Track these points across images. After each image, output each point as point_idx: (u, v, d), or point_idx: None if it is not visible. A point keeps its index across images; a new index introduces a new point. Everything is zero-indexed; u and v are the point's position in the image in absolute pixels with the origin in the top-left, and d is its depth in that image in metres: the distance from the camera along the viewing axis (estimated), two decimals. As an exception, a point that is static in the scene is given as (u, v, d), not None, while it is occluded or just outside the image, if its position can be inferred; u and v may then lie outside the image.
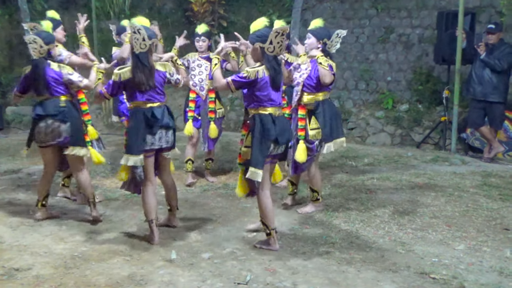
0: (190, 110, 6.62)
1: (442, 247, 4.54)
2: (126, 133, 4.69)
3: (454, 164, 7.56)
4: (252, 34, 4.41)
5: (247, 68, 4.35)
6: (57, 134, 5.04)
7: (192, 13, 11.43)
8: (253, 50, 4.43)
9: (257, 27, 4.43)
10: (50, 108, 5.05)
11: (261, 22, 4.45)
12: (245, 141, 4.40)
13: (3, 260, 4.24)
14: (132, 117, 4.66)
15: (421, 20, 10.31)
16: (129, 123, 4.69)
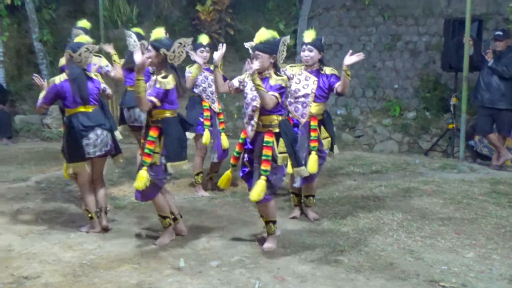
0: (206, 119, 6.48)
1: (452, 255, 4.52)
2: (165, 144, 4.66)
3: (462, 171, 7.53)
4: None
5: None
6: (105, 144, 5.10)
7: (199, 22, 11.48)
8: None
9: (261, 36, 4.47)
10: (98, 117, 5.06)
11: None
12: (277, 148, 4.44)
13: (12, 268, 4.25)
14: (170, 125, 4.67)
15: (428, 27, 10.32)
16: (168, 132, 4.65)
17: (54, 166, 8.15)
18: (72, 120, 4.95)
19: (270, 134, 4.42)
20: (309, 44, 5.23)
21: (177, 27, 12.54)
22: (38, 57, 12.06)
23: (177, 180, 7.13)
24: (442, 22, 9.55)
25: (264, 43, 4.40)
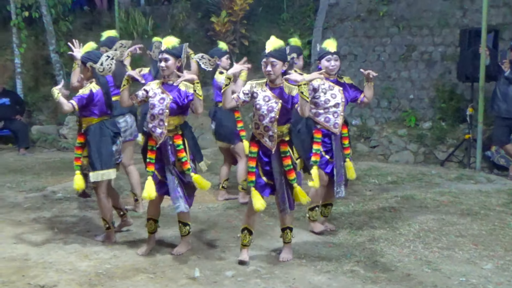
0: (242, 130, 6.58)
1: (470, 266, 4.46)
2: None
3: (479, 182, 7.46)
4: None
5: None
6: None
7: (214, 33, 11.55)
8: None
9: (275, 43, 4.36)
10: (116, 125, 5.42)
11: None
12: (293, 154, 4.48)
13: (29, 277, 4.28)
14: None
15: (443, 37, 10.27)
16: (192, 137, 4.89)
17: (70, 176, 8.12)
18: (102, 127, 5.05)
19: (285, 144, 4.40)
20: (335, 53, 5.25)
21: (192, 39, 12.61)
22: (55, 69, 12.18)
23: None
24: (457, 33, 9.51)
25: (279, 50, 4.32)
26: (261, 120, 4.36)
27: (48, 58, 12.44)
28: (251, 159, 4.47)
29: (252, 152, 4.46)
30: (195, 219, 5.83)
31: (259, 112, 4.36)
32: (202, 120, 11.23)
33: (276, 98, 4.31)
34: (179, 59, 4.68)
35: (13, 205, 6.51)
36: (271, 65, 4.28)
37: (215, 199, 6.73)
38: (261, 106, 4.34)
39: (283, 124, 4.39)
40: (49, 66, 12.63)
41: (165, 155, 4.67)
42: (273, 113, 4.31)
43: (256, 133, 4.43)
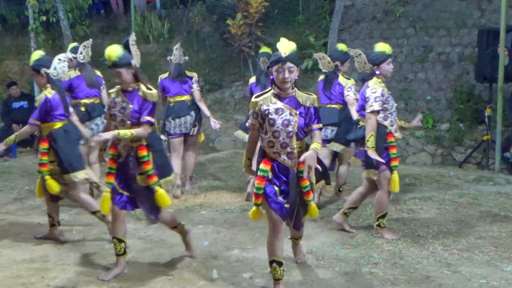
0: None
1: (490, 269, 4.41)
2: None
3: (498, 184, 7.38)
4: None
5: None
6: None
7: (229, 36, 11.57)
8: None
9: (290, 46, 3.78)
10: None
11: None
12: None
13: (48, 278, 4.30)
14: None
15: (460, 38, 10.19)
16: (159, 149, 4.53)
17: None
18: (66, 131, 5.12)
19: (302, 163, 3.71)
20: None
21: (208, 41, 12.66)
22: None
23: (208, 192, 7.14)
24: (475, 33, 9.42)
25: (295, 54, 3.79)
26: (277, 137, 3.80)
27: (65, 62, 12.53)
28: (260, 178, 3.85)
29: (263, 170, 3.85)
30: (212, 221, 5.85)
31: (273, 128, 3.79)
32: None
33: (291, 109, 3.79)
34: (129, 66, 4.25)
35: (32, 208, 6.57)
36: (288, 71, 3.72)
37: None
38: (275, 121, 3.78)
39: (301, 139, 3.86)
40: (66, 70, 12.73)
41: (126, 168, 4.30)
42: (290, 127, 3.77)
43: (271, 153, 3.85)
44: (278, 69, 3.73)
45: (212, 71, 12.14)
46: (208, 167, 9.00)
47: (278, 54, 3.73)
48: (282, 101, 3.82)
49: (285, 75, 3.73)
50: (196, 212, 6.23)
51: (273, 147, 3.83)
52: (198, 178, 8.01)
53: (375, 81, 5.08)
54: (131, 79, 4.30)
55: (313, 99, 3.83)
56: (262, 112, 3.82)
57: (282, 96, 3.83)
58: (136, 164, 4.28)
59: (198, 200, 6.75)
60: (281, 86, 3.79)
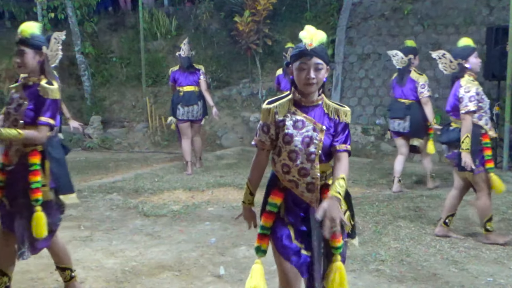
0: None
1: (497, 266, 4.40)
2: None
3: (506, 182, 7.29)
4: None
5: None
6: None
7: (237, 33, 11.57)
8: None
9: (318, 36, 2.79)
10: None
11: None
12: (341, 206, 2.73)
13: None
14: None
15: (469, 35, 10.05)
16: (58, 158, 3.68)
17: (95, 175, 8.32)
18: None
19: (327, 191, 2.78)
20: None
21: (216, 38, 12.67)
22: (80, 69, 12.35)
23: (215, 189, 7.16)
24: (484, 30, 9.38)
25: (324, 47, 2.81)
26: (294, 160, 2.78)
27: (73, 59, 12.61)
28: (268, 215, 2.89)
29: (272, 204, 2.88)
30: (219, 217, 5.87)
31: (289, 148, 2.78)
32: (226, 120, 11.28)
33: (315, 123, 2.78)
34: (39, 50, 3.52)
35: (40, 203, 6.59)
36: (314, 69, 2.72)
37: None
38: (293, 138, 2.77)
39: (327, 161, 2.85)
40: (74, 67, 12.81)
41: (14, 178, 3.50)
42: (312, 147, 2.76)
43: (285, 181, 2.84)
44: (300, 66, 2.73)
45: (220, 68, 12.16)
46: (215, 164, 9.03)
47: (301, 46, 2.76)
48: (303, 111, 2.81)
49: (310, 75, 2.71)
50: (203, 208, 6.25)
51: (289, 173, 2.81)
52: (205, 174, 8.03)
53: (467, 80, 4.88)
54: (33, 67, 3.51)
55: (345, 111, 2.84)
56: (276, 124, 2.81)
57: (304, 105, 2.82)
58: (24, 173, 3.42)
59: (206, 197, 6.77)
60: (303, 90, 2.77)
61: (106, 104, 12.43)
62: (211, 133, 11.24)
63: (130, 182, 7.55)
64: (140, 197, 6.76)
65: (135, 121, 12.04)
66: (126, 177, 7.91)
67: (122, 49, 13.32)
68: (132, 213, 6.11)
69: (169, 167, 8.68)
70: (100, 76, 12.90)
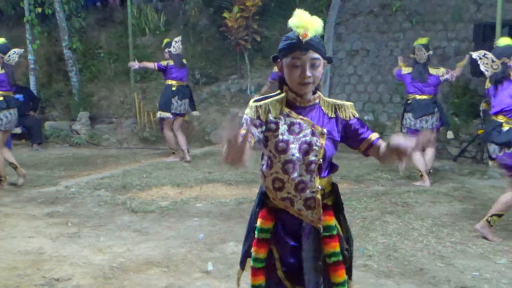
0: None
1: (483, 261, 4.44)
2: None
3: (493, 177, 7.41)
4: None
5: None
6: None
7: (226, 29, 11.54)
8: None
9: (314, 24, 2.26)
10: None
11: None
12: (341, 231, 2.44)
13: (43, 270, 4.31)
14: None
15: (457, 32, 10.20)
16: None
17: (83, 171, 8.28)
18: None
19: (330, 213, 2.38)
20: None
21: (205, 34, 12.64)
22: (68, 65, 12.28)
23: (203, 185, 7.15)
24: (471, 27, 9.42)
25: (320, 39, 2.32)
26: (290, 172, 2.30)
27: (61, 55, 12.54)
28: (259, 243, 2.42)
29: (263, 230, 2.41)
30: (208, 213, 5.87)
31: (284, 157, 2.30)
32: (215, 116, 11.26)
33: (314, 126, 2.33)
34: None
35: (27, 200, 6.57)
36: (310, 65, 2.25)
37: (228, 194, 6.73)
38: (289, 145, 2.30)
39: (327, 174, 2.39)
40: (62, 63, 12.74)
41: None
42: (312, 155, 2.30)
43: (277, 199, 2.36)
44: (293, 62, 2.24)
45: (209, 64, 12.14)
46: (204, 160, 9.02)
47: (292, 36, 2.26)
48: (298, 112, 2.34)
49: (306, 73, 2.24)
50: (192, 204, 6.25)
51: (282, 189, 2.33)
52: (194, 170, 8.03)
53: None
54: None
55: (351, 105, 2.43)
56: (269, 125, 2.31)
57: (300, 105, 2.35)
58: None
59: (194, 193, 6.76)
60: (297, 90, 2.31)
61: (94, 100, 12.36)
62: (200, 129, 11.21)
63: (118, 178, 7.53)
64: (128, 193, 6.74)
65: (123, 117, 12.00)
66: (114, 173, 7.88)
67: (110, 44, 13.26)
68: (120, 209, 6.09)
69: (158, 163, 8.66)
70: (88, 71, 12.83)
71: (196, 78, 11.98)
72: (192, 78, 11.93)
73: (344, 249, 2.38)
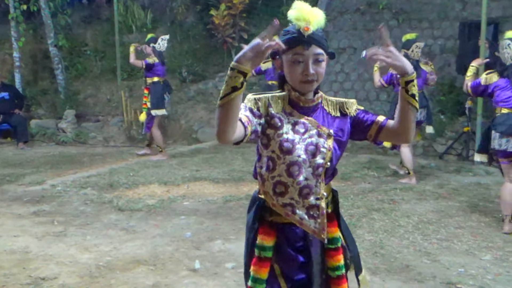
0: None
1: (468, 257, 4.48)
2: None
3: (478, 174, 7.48)
4: None
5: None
6: None
7: (213, 26, 11.54)
8: None
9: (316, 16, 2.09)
10: None
11: None
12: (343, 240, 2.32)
13: (29, 269, 4.29)
14: None
15: (442, 30, 10.27)
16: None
17: (69, 169, 8.23)
18: None
19: (335, 223, 2.27)
20: None
21: (192, 32, 12.61)
22: (54, 62, 12.19)
23: (190, 183, 7.14)
24: (457, 26, 9.50)
25: (323, 33, 2.14)
26: (295, 175, 2.12)
27: (47, 52, 12.45)
28: (260, 262, 2.19)
29: (263, 248, 2.19)
30: (195, 211, 5.86)
31: (289, 159, 2.11)
32: (202, 114, 11.25)
33: (320, 127, 2.17)
34: None
35: (13, 199, 6.52)
36: (313, 61, 2.08)
37: (215, 192, 6.73)
38: (294, 145, 2.11)
39: (329, 182, 2.25)
40: (47, 60, 12.64)
41: None
42: (319, 158, 2.15)
43: (277, 206, 2.18)
44: (295, 58, 2.07)
45: (196, 62, 12.11)
46: (191, 158, 9.00)
47: (293, 30, 2.08)
48: (302, 112, 2.17)
49: (309, 70, 2.07)
50: (179, 202, 6.23)
51: (284, 194, 2.16)
52: (181, 169, 8.01)
53: None
54: None
55: (354, 103, 2.29)
56: (271, 120, 2.12)
57: (302, 105, 2.18)
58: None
59: (181, 191, 6.75)
60: (300, 89, 2.13)
61: (80, 98, 12.28)
62: (187, 127, 11.19)
63: (105, 176, 7.49)
64: (115, 192, 6.71)
65: (110, 115, 11.93)
66: (101, 172, 7.84)
67: (97, 42, 13.18)
68: (106, 207, 6.07)
69: (145, 162, 8.62)
70: (74, 69, 12.75)
71: (183, 76, 11.94)
72: (179, 76, 11.91)
73: (348, 258, 2.27)
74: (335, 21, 11.22)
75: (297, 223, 2.16)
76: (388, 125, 2.18)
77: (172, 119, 11.17)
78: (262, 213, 2.22)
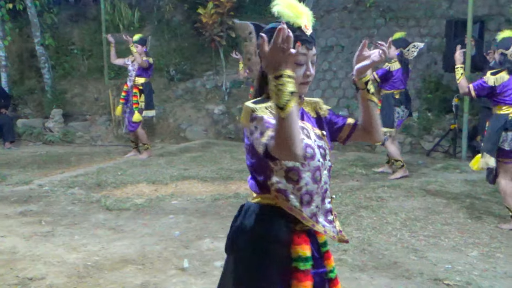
0: None
1: (455, 254, 4.52)
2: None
3: (465, 171, 7.53)
4: None
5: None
6: None
7: (201, 25, 11.51)
8: None
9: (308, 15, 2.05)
10: None
11: None
12: None
13: (17, 269, 4.26)
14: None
15: (429, 28, 10.33)
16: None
17: (57, 169, 8.19)
18: None
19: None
20: None
21: (179, 31, 12.59)
22: (40, 61, 12.11)
23: (179, 182, 7.13)
24: (443, 24, 9.56)
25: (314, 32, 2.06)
26: (318, 180, 2.03)
27: (33, 51, 12.36)
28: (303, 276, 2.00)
29: (305, 259, 2.01)
30: (183, 210, 5.85)
31: (313, 164, 2.00)
32: (190, 112, 11.23)
33: (315, 130, 2.11)
34: None
35: (0, 199, 6.47)
36: (311, 62, 2.04)
37: (204, 191, 6.72)
38: (314, 149, 2.00)
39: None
40: (34, 59, 12.55)
41: None
42: (328, 160, 2.11)
43: (307, 217, 2.01)
44: (298, 59, 1.97)
45: (183, 61, 12.09)
46: (179, 156, 8.99)
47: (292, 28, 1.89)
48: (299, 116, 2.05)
49: (311, 70, 2.02)
50: (167, 201, 6.22)
51: (310, 203, 2.01)
52: (169, 167, 7.99)
53: None
54: None
55: (322, 103, 2.24)
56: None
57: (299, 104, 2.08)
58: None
59: (169, 190, 6.74)
60: (298, 90, 1.93)
61: (67, 97, 12.21)
62: (175, 125, 11.17)
63: (92, 176, 7.46)
64: (102, 191, 6.69)
65: (98, 114, 11.89)
66: (89, 171, 7.81)
67: (84, 41, 13.11)
68: (94, 207, 6.04)
69: (133, 161, 8.60)
70: (61, 68, 12.67)
71: (171, 75, 11.92)
72: (167, 74, 11.88)
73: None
74: (323, 19, 11.24)
75: (322, 231, 2.05)
76: (358, 127, 2.20)
77: (160, 118, 11.14)
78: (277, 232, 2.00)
